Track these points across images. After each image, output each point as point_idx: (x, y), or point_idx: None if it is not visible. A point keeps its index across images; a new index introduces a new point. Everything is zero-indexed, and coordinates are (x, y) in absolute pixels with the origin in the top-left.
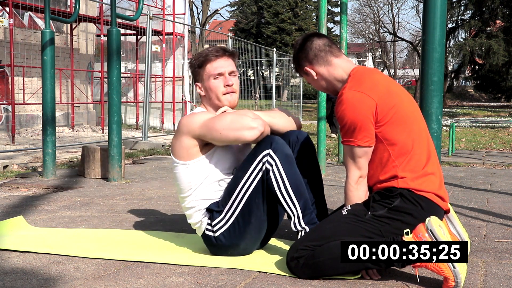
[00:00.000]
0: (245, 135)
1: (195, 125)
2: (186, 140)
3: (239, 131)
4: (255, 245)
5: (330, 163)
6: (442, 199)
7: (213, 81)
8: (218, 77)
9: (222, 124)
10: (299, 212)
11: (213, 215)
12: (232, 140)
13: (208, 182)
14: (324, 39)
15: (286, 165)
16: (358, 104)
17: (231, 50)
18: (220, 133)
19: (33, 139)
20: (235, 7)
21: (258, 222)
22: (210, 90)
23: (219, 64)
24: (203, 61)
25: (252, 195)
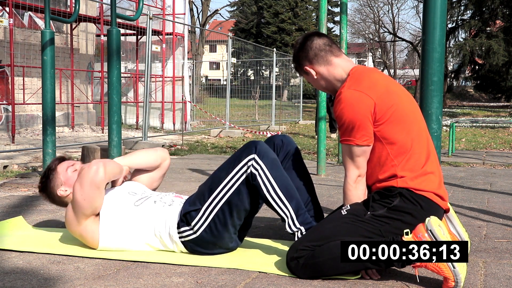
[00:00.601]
0: (98, 178)
1: (70, 218)
2: (82, 230)
3: (91, 180)
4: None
5: (330, 163)
6: (442, 198)
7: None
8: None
9: (77, 196)
10: (292, 213)
11: (190, 215)
12: (96, 190)
13: (146, 213)
14: (324, 38)
15: (273, 169)
16: (357, 103)
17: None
18: (84, 199)
19: (33, 139)
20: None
21: (239, 215)
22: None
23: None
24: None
25: (233, 195)
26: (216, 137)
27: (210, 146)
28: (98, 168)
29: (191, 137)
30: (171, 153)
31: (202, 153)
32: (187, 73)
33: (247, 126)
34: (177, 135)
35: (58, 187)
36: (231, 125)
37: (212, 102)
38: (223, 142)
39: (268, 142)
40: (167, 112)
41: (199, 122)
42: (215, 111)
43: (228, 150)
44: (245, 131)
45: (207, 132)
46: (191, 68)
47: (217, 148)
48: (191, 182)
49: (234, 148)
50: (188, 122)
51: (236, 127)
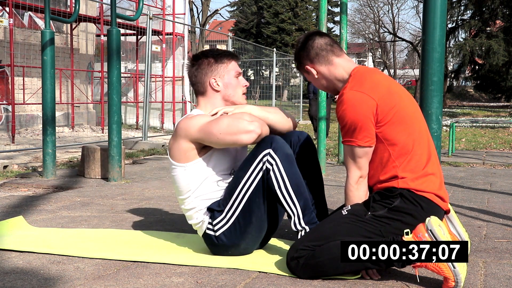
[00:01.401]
0: (242, 138)
1: (193, 129)
2: (184, 144)
3: (236, 135)
4: (255, 245)
5: (330, 163)
6: (442, 199)
7: (234, 78)
8: (238, 76)
9: (219, 128)
10: (299, 211)
11: (214, 214)
12: (230, 143)
13: (206, 183)
14: (326, 38)
15: (287, 165)
16: (359, 104)
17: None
18: (218, 137)
19: (33, 139)
20: (235, 7)
21: (259, 221)
22: (230, 86)
23: (236, 64)
24: (224, 57)
25: (253, 194)
26: None
27: None
28: (252, 134)
29: None
30: None
31: None
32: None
33: None
34: None
35: (213, 75)
36: None
37: None
38: None
39: (285, 138)
40: (167, 112)
41: None
42: None
43: None
44: None
45: None
46: None
47: None
48: None
49: None
50: None
51: None
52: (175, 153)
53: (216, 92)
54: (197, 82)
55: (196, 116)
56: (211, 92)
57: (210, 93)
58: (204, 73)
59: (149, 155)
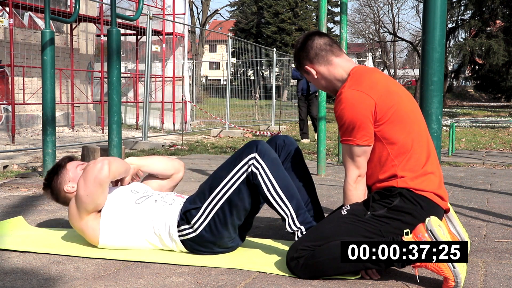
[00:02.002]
0: (101, 175)
1: (73, 215)
2: (84, 226)
3: (95, 179)
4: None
5: (330, 163)
6: (442, 198)
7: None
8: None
9: (80, 190)
10: (292, 212)
11: (190, 213)
12: (98, 188)
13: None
14: (325, 38)
15: (274, 168)
16: (357, 103)
17: None
18: (86, 195)
19: (33, 139)
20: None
21: (239, 215)
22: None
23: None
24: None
25: (234, 194)
26: (216, 137)
27: (210, 146)
28: (103, 165)
29: (191, 137)
30: (171, 153)
31: (202, 153)
32: (187, 73)
33: (247, 126)
34: (177, 135)
35: (65, 183)
36: (231, 125)
37: (212, 102)
38: (223, 142)
39: (269, 142)
40: (167, 112)
41: (199, 122)
42: (215, 111)
43: (228, 150)
44: (245, 131)
45: (207, 132)
46: (191, 68)
47: (217, 148)
48: (191, 182)
49: (234, 148)
50: (188, 122)
51: (236, 127)
52: (90, 234)
53: (73, 193)
54: (62, 201)
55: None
56: (72, 196)
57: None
58: (58, 191)
59: (149, 155)
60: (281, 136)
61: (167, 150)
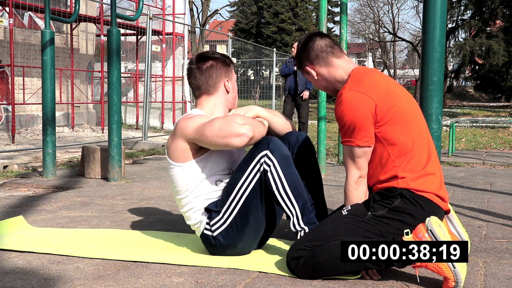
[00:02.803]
0: (233, 141)
1: (189, 130)
2: (181, 143)
3: (227, 138)
4: (253, 245)
5: (330, 163)
6: (442, 199)
7: (234, 82)
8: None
9: (211, 131)
10: (298, 212)
11: (211, 215)
12: (222, 146)
13: (205, 183)
14: (326, 39)
15: (284, 166)
16: (358, 104)
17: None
18: (210, 139)
19: (33, 139)
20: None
21: (256, 221)
22: (234, 90)
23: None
24: (230, 61)
25: (250, 195)
26: None
27: None
28: (243, 137)
29: None
30: None
31: None
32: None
33: None
34: None
35: (226, 76)
36: None
37: None
38: None
39: (283, 139)
40: (167, 112)
41: None
42: None
43: None
44: None
45: None
46: None
47: None
48: None
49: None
50: None
51: None
52: (173, 152)
53: (227, 93)
54: (209, 82)
55: (195, 116)
56: (221, 93)
57: (220, 94)
58: (219, 74)
59: (149, 155)
60: (294, 132)
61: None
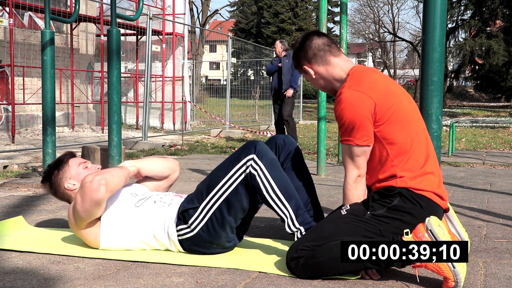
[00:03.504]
0: (95, 196)
1: (73, 224)
2: (82, 233)
3: (90, 198)
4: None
5: (330, 163)
6: (441, 198)
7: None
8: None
9: (78, 205)
10: (291, 213)
11: (188, 213)
12: (95, 206)
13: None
14: (323, 38)
15: (272, 169)
16: (357, 103)
17: None
18: (83, 211)
19: (33, 139)
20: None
21: (236, 215)
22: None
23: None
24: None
25: (231, 195)
26: (216, 137)
27: (210, 146)
28: (100, 186)
29: (191, 137)
30: (170, 153)
31: (202, 153)
32: (187, 73)
33: (247, 126)
34: (177, 135)
35: (66, 179)
36: (231, 125)
37: (212, 102)
38: (223, 142)
39: (269, 142)
40: (167, 112)
41: (199, 122)
42: (215, 111)
43: (228, 150)
44: (245, 131)
45: (207, 132)
46: (191, 68)
47: (217, 148)
48: (191, 182)
49: (234, 148)
50: (188, 122)
51: (236, 127)
52: (91, 239)
53: (73, 191)
54: (60, 196)
55: (69, 216)
56: (72, 193)
57: (73, 193)
58: (58, 186)
59: (149, 155)
60: (281, 136)
61: (167, 150)
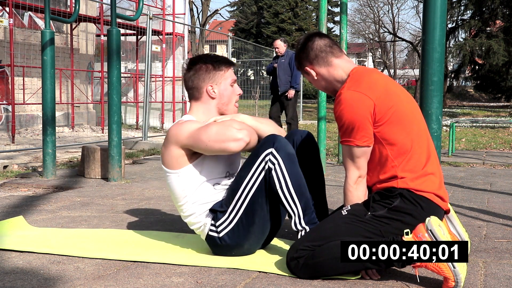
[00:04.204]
0: (230, 146)
1: (182, 136)
2: (175, 150)
3: (224, 142)
4: (258, 245)
5: (330, 163)
6: (442, 199)
7: (229, 87)
8: (233, 84)
9: (208, 136)
10: (300, 211)
11: (216, 215)
12: (218, 151)
13: (202, 188)
14: (325, 39)
15: (289, 164)
16: (356, 104)
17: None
18: (206, 144)
19: (33, 139)
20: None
21: (262, 221)
22: (224, 95)
23: (233, 72)
24: (222, 64)
25: (256, 194)
26: None
27: None
28: (240, 142)
29: None
30: None
31: None
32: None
33: None
34: None
35: (213, 82)
36: None
37: None
38: None
39: (288, 137)
40: (167, 112)
41: None
42: None
43: None
44: None
45: None
46: None
47: None
48: None
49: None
50: None
51: None
52: (167, 159)
53: (212, 99)
54: (193, 87)
55: (186, 122)
56: (206, 99)
57: (205, 99)
58: (202, 79)
59: (149, 155)
60: (299, 131)
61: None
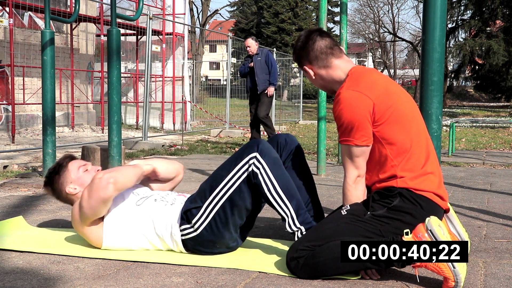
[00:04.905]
0: (103, 194)
1: (75, 221)
2: (86, 231)
3: (97, 195)
4: (240, 234)
5: (330, 163)
6: (442, 198)
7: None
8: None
9: (84, 202)
10: (292, 213)
11: (191, 212)
12: (102, 204)
13: (133, 215)
14: (326, 39)
15: (274, 168)
16: (355, 103)
17: None
18: (89, 207)
19: (33, 139)
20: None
21: (240, 214)
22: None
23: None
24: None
25: (234, 193)
26: (216, 137)
27: (210, 146)
28: (108, 184)
29: (191, 137)
30: (170, 153)
31: (202, 153)
32: (187, 73)
33: (247, 126)
34: (177, 135)
35: (67, 184)
36: (231, 125)
37: (212, 102)
38: (223, 142)
39: (271, 141)
40: (167, 112)
41: (199, 122)
42: (215, 111)
43: (228, 150)
44: (245, 131)
45: (207, 132)
46: (191, 68)
47: (217, 148)
48: (191, 182)
49: (234, 148)
50: (188, 122)
51: (236, 127)
52: (93, 240)
53: (75, 195)
54: (64, 200)
55: (72, 214)
56: (75, 198)
57: (75, 198)
58: (60, 191)
59: (149, 155)
60: (282, 135)
61: (167, 150)
